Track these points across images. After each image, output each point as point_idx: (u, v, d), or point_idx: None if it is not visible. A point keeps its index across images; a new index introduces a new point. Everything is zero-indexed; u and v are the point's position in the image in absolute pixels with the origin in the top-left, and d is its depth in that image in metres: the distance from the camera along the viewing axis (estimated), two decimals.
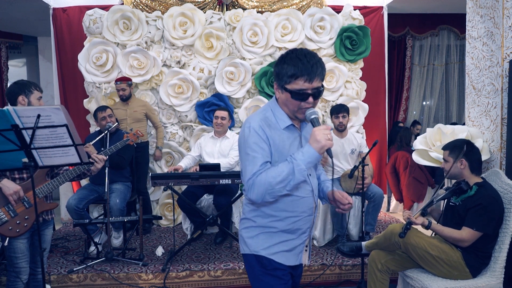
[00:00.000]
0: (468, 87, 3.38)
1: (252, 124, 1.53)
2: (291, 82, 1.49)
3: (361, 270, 3.05)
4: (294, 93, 1.49)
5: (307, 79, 1.46)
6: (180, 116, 4.54)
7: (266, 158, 1.51)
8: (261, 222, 1.61)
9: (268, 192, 1.46)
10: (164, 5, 4.65)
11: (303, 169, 1.46)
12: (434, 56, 6.22)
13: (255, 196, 1.48)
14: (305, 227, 1.64)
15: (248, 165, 1.51)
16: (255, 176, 1.47)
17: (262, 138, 1.51)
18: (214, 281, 3.23)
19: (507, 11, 2.95)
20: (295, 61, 1.47)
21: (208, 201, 3.77)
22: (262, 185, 1.46)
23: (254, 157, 1.49)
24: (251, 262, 1.64)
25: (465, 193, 2.41)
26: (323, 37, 4.58)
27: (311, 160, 1.46)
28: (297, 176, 1.46)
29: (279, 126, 1.56)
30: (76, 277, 3.16)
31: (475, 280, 2.36)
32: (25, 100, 2.31)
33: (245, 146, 1.53)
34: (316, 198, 1.67)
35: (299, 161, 1.45)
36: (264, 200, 1.49)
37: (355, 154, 3.83)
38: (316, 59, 1.49)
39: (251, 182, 1.48)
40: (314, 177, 1.68)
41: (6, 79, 6.01)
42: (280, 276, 1.62)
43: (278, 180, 1.45)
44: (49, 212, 2.41)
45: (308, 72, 1.46)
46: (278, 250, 1.61)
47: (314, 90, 1.49)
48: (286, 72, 1.49)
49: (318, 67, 1.48)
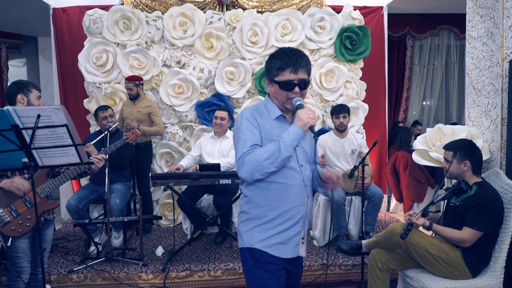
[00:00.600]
0: (468, 87, 3.38)
1: (245, 113, 1.68)
2: (278, 74, 1.64)
3: (361, 270, 3.05)
4: (282, 83, 1.63)
5: (293, 70, 1.61)
6: (180, 116, 4.55)
7: (256, 141, 1.62)
8: (255, 213, 1.68)
9: (257, 169, 1.56)
10: (164, 5, 4.66)
11: (288, 145, 1.55)
12: (434, 56, 6.22)
13: (245, 173, 1.58)
14: (297, 217, 1.69)
15: (239, 147, 1.63)
16: (244, 155, 1.58)
17: (253, 124, 1.64)
18: (214, 281, 3.23)
19: (507, 11, 2.95)
20: (282, 55, 1.64)
21: (208, 201, 3.77)
22: (251, 162, 1.56)
23: (245, 139, 1.62)
24: (245, 256, 1.70)
25: (465, 193, 2.41)
26: (323, 37, 4.58)
27: (296, 137, 1.57)
28: (283, 152, 1.55)
29: (270, 117, 1.70)
30: (76, 277, 3.16)
31: (475, 280, 2.36)
32: (24, 99, 2.31)
33: (238, 132, 1.66)
34: (308, 189, 1.73)
35: (285, 139, 1.56)
36: (253, 177, 1.58)
37: (355, 154, 3.83)
38: (301, 54, 1.65)
39: (241, 160, 1.59)
40: (307, 169, 1.73)
41: (6, 79, 6.01)
42: (272, 271, 1.65)
43: (265, 156, 1.55)
44: (51, 212, 2.41)
45: (293, 64, 1.61)
46: (272, 243, 1.65)
47: (300, 81, 1.63)
48: (274, 66, 1.65)
49: (303, 60, 1.63)
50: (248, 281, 1.71)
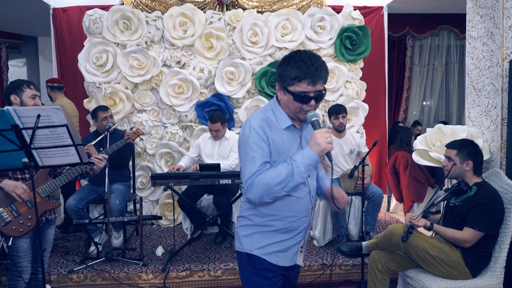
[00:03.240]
0: (468, 87, 3.38)
1: (253, 123, 1.54)
2: (294, 84, 1.49)
3: (361, 270, 3.05)
4: (297, 95, 1.49)
5: (310, 82, 1.46)
6: (180, 116, 4.54)
7: (266, 158, 1.51)
8: (257, 221, 1.63)
9: (267, 193, 1.47)
10: (164, 5, 4.65)
11: (303, 171, 1.47)
12: (434, 56, 6.22)
13: (254, 196, 1.49)
14: (300, 228, 1.65)
15: (247, 164, 1.51)
16: (254, 177, 1.48)
17: (262, 138, 1.51)
18: (214, 281, 3.23)
19: (507, 11, 2.95)
20: (299, 63, 1.46)
21: (208, 201, 3.77)
22: (261, 186, 1.47)
23: (254, 157, 1.50)
24: (243, 261, 1.67)
25: (465, 194, 2.41)
26: (323, 37, 4.58)
27: (311, 162, 1.47)
28: (296, 178, 1.47)
29: (280, 126, 1.56)
30: (76, 277, 3.16)
31: (475, 280, 2.36)
32: (17, 99, 2.28)
33: (245, 145, 1.53)
34: (313, 200, 1.67)
35: (299, 163, 1.46)
36: (262, 200, 1.50)
37: (354, 154, 3.83)
38: (320, 62, 1.48)
39: (250, 182, 1.49)
40: (313, 179, 1.68)
41: (6, 79, 6.01)
42: (270, 278, 1.63)
43: (277, 181, 1.46)
44: (52, 212, 2.41)
45: (312, 75, 1.45)
46: (272, 251, 1.62)
47: (317, 93, 1.49)
48: (289, 74, 1.48)
49: (322, 70, 1.47)
50: (245, 286, 1.70)
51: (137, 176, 4.48)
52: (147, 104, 4.49)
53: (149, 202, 4.64)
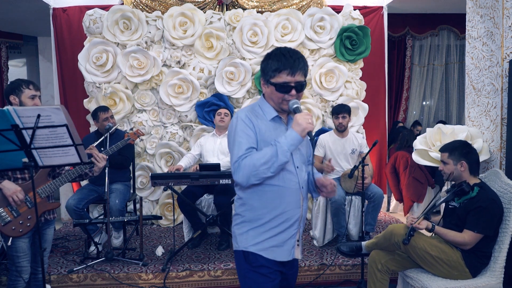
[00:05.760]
0: (468, 87, 3.39)
1: (240, 114, 1.65)
2: (275, 76, 1.60)
3: (361, 270, 3.05)
4: (278, 85, 1.60)
5: (290, 73, 1.57)
6: (180, 116, 4.55)
7: (252, 144, 1.59)
8: (249, 216, 1.66)
9: (253, 174, 1.54)
10: (164, 5, 4.65)
11: (286, 150, 1.53)
12: (434, 56, 6.22)
13: (241, 178, 1.56)
14: (293, 220, 1.67)
15: (235, 149, 1.60)
16: (241, 159, 1.56)
17: (248, 126, 1.61)
18: (214, 281, 3.23)
19: (507, 11, 2.96)
20: (279, 56, 1.59)
21: (208, 201, 3.77)
22: (247, 167, 1.53)
23: (240, 142, 1.58)
24: (240, 258, 1.69)
25: (467, 195, 2.41)
26: (323, 37, 4.58)
27: (294, 142, 1.55)
28: (280, 158, 1.53)
29: (266, 118, 1.67)
30: (76, 277, 3.16)
31: (475, 280, 2.36)
32: (16, 99, 2.28)
33: (233, 134, 1.63)
34: (303, 191, 1.71)
35: (282, 144, 1.54)
36: (249, 182, 1.56)
37: (356, 154, 3.83)
38: (299, 55, 1.60)
39: (237, 164, 1.56)
40: (302, 171, 1.72)
41: (6, 79, 6.01)
42: (266, 274, 1.64)
43: (262, 161, 1.52)
44: (51, 212, 2.41)
45: (290, 66, 1.57)
46: (267, 246, 1.64)
47: (297, 83, 1.60)
48: (270, 66, 1.60)
49: (300, 62, 1.59)
50: (242, 284, 1.70)
51: (137, 176, 4.48)
52: (147, 104, 4.49)
53: (149, 202, 4.64)
